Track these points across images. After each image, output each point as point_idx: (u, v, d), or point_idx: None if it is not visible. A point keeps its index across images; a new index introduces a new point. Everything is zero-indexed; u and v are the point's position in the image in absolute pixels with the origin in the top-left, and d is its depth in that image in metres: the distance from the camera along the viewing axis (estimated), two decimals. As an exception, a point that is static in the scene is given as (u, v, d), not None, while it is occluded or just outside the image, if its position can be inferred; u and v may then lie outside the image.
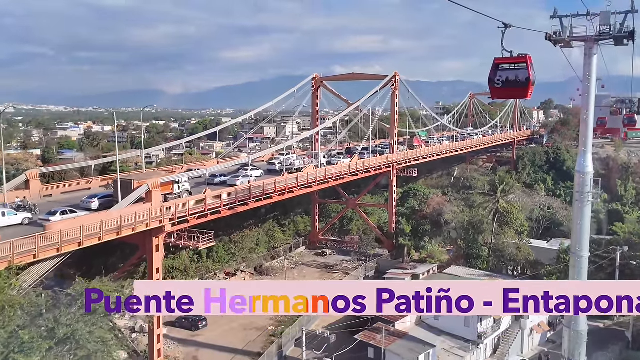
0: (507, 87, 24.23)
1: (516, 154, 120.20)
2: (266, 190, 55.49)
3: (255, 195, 54.02)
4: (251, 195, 52.78)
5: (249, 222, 72.00)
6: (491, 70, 24.38)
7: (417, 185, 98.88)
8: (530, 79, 23.58)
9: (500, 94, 25.05)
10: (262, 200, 54.97)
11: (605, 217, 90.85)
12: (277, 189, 56.18)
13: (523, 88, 24.05)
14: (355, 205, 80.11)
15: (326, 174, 66.09)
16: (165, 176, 51.08)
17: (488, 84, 24.48)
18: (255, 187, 53.95)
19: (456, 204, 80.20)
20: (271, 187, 56.68)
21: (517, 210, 66.09)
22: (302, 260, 75.42)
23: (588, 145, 36.13)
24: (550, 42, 35.69)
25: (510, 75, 24.04)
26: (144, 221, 41.49)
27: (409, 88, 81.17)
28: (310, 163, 67.57)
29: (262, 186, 54.77)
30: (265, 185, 55.12)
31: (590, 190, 35.16)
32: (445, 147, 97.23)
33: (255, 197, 54.09)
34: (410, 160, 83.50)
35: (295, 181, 60.21)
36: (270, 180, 56.63)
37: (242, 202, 52.05)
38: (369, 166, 74.00)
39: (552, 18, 35.35)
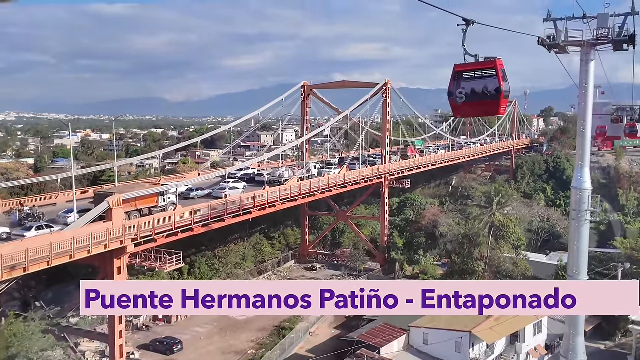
0: (473, 101, 18.38)
1: (515, 163, 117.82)
2: (244, 206, 51.25)
3: (232, 210, 49.52)
4: (226, 211, 48.55)
5: (234, 236, 68.19)
6: (451, 81, 18.61)
7: (413, 195, 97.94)
8: (502, 90, 17.93)
9: (464, 110, 19.10)
10: (240, 216, 50.85)
11: (606, 228, 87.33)
12: (256, 204, 51.98)
13: (493, 102, 18.15)
14: (346, 217, 76.31)
15: (311, 187, 63.23)
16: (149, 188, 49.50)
17: (448, 99, 18.90)
18: (232, 202, 49.91)
19: (452, 216, 76.51)
20: (250, 201, 52.87)
21: (514, 224, 62.26)
22: (291, 275, 71.79)
23: (585, 158, 32.39)
24: (544, 47, 31.75)
25: (477, 86, 18.20)
26: (102, 242, 37.38)
27: (402, 96, 77.93)
28: (301, 174, 63.85)
29: (240, 201, 50.36)
30: (242, 200, 50.75)
31: (588, 207, 31.39)
32: (441, 156, 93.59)
33: (233, 213, 49.63)
34: (403, 170, 79.22)
35: (277, 195, 55.23)
36: (248, 195, 52.82)
37: (217, 219, 48.07)
38: (358, 178, 69.38)
39: (546, 21, 31.41)
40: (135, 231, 41.26)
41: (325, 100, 78.73)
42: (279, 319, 55.39)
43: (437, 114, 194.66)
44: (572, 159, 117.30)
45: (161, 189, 47.29)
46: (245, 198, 52.68)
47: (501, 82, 17.81)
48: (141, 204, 46.19)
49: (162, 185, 51.18)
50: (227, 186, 58.49)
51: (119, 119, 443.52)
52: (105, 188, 56.85)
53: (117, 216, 40.34)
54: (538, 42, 31.62)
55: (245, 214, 52.93)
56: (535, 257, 68.77)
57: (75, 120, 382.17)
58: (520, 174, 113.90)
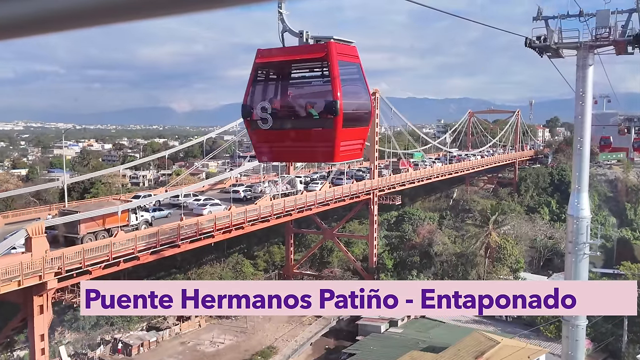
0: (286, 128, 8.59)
1: (518, 175, 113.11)
2: (202, 229, 45.33)
3: (188, 235, 44.23)
4: (179, 237, 43.24)
5: (209, 257, 62.92)
6: (248, 86, 8.65)
7: (412, 209, 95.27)
8: (339, 109, 7.84)
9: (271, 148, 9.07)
10: (201, 240, 45.62)
11: (614, 246, 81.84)
12: (216, 227, 46.60)
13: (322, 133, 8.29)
14: (333, 235, 70.52)
15: (285, 207, 55.97)
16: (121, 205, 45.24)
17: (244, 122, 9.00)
18: (188, 225, 44.59)
19: (448, 233, 71.17)
20: (210, 224, 47.68)
21: (512, 245, 56.82)
22: None
23: (583, 181, 26.97)
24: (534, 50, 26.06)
25: (298, 98, 8.62)
26: (13, 278, 32.46)
27: (393, 106, 72.44)
28: (284, 189, 58.97)
29: (197, 224, 44.97)
30: (200, 223, 45.29)
31: (587, 239, 25.83)
32: (436, 170, 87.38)
33: (189, 238, 44.29)
34: (394, 185, 73.64)
35: (243, 216, 49.73)
36: (207, 217, 47.28)
37: (170, 244, 42.73)
38: (341, 194, 63.46)
39: (536, 20, 25.66)
40: (60, 263, 35.58)
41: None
42: (250, 352, 50.33)
43: (440, 124, 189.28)
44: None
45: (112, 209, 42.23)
46: (204, 220, 46.81)
47: (338, 91, 7.92)
48: (110, 222, 42.97)
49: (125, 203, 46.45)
50: (208, 202, 53.45)
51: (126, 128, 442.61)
52: (71, 206, 52.08)
53: (37, 246, 35.05)
54: (525, 43, 26.08)
55: (207, 237, 47.02)
56: (536, 279, 63.31)
57: (81, 130, 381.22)
58: (523, 187, 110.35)
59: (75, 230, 40.61)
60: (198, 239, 47.01)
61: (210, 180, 63.83)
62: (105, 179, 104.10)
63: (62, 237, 40.82)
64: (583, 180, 27.18)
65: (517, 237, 69.40)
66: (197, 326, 56.68)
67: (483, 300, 13.58)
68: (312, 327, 57.59)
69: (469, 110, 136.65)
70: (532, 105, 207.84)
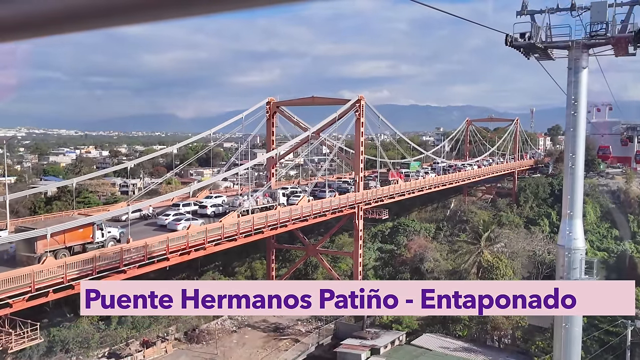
0: None
1: (517, 185, 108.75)
2: (151, 253, 41.10)
3: (134, 260, 39.76)
4: (122, 262, 38.11)
5: (180, 275, 58.00)
6: None
7: (407, 220, 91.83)
8: None
9: None
10: (154, 264, 40.45)
11: (616, 262, 77.48)
12: (169, 250, 41.30)
13: None
14: (316, 252, 65.37)
15: (254, 224, 51.25)
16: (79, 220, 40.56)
17: None
18: (135, 248, 39.44)
19: (440, 249, 66.43)
20: (161, 247, 42.34)
21: (505, 264, 51.92)
22: (252, 318, 60.41)
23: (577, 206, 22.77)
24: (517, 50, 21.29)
25: None
26: None
27: (379, 114, 67.82)
28: (267, 202, 54.46)
29: (145, 247, 40.02)
30: (149, 246, 40.91)
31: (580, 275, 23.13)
32: (429, 181, 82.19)
33: (135, 262, 40.01)
34: (382, 198, 68.49)
35: (203, 236, 45.37)
36: (158, 238, 42.81)
37: (113, 270, 37.42)
38: (321, 210, 59.71)
39: (520, 15, 20.77)
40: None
41: (292, 119, 68.92)
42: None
43: (440, 131, 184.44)
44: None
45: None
46: (153, 243, 41.86)
47: None
48: (72, 239, 38.94)
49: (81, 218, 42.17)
50: (183, 217, 48.71)
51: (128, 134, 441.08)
52: (29, 222, 47.61)
53: None
54: (506, 41, 21.15)
55: (162, 260, 42.19)
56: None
57: (83, 137, 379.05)
58: (523, 198, 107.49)
59: (31, 248, 36.61)
60: (148, 262, 41.17)
61: (177, 192, 58.08)
62: (93, 188, 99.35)
63: (24, 257, 36.83)
64: (576, 205, 22.90)
65: (513, 253, 64.49)
66: (163, 352, 51.71)
67: (483, 300, 13.63)
68: (288, 353, 52.69)
69: (467, 118, 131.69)
70: (533, 113, 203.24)
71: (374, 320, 56.77)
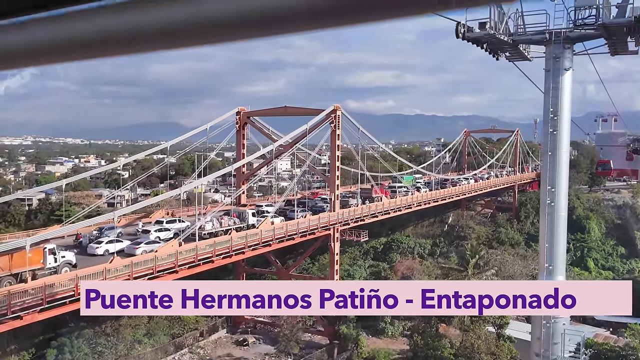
0: None
1: (518, 200, 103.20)
2: (56, 294, 33.38)
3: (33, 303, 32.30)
4: (10, 308, 30.89)
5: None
6: None
7: (401, 237, 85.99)
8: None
9: None
10: (66, 306, 33.80)
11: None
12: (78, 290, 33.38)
13: None
14: (290, 276, 58.54)
15: (197, 254, 43.19)
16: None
17: None
18: (39, 287, 32.96)
19: (429, 272, 60.78)
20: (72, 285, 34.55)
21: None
22: (215, 352, 54.66)
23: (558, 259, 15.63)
24: (476, 45, 14.20)
25: None
26: None
27: (358, 124, 61.62)
28: (233, 223, 49.00)
29: (43, 287, 32.64)
30: (49, 287, 32.98)
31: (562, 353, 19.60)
32: (417, 198, 75.87)
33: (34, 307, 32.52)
34: (363, 218, 62.34)
35: (128, 270, 37.38)
36: (68, 275, 35.64)
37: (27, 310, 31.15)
38: (286, 233, 53.28)
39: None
40: None
41: (264, 130, 63.38)
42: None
43: (440, 142, 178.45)
44: (583, 195, 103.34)
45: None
46: (62, 279, 34.39)
47: None
48: (19, 265, 34.46)
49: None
50: (144, 239, 42.94)
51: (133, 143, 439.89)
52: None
53: None
54: (456, 33, 14.96)
55: (74, 302, 33.23)
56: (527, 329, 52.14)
57: (87, 145, 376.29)
58: (523, 212, 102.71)
59: None
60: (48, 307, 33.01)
61: (126, 209, 51.63)
62: (77, 199, 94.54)
63: None
64: (558, 256, 17.70)
65: (507, 279, 58.73)
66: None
67: (483, 300, 13.56)
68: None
69: (465, 129, 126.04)
70: (537, 124, 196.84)
71: (350, 355, 50.74)
